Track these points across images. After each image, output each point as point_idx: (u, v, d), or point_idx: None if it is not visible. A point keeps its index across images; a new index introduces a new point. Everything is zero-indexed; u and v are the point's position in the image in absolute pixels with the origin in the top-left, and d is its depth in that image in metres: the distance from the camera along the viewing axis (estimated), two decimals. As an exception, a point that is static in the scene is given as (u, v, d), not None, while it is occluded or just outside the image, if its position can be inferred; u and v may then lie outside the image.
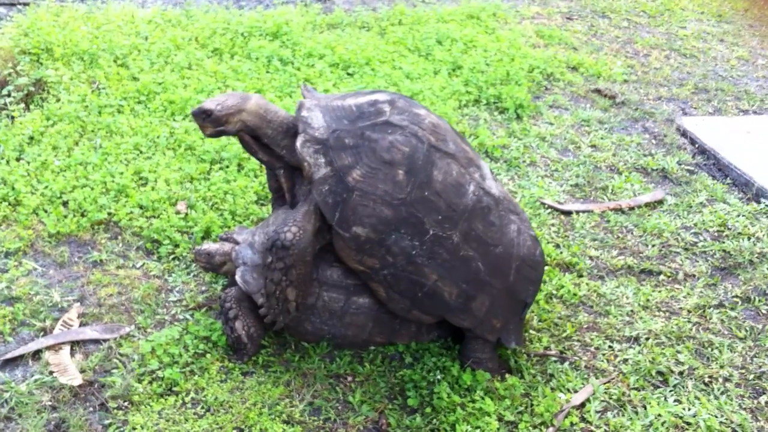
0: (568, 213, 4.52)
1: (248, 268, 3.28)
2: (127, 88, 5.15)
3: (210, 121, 3.14)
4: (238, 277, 3.26)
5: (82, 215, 4.04)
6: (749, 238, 4.37)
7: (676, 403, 3.25)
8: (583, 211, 4.54)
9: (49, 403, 3.01)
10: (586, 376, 3.38)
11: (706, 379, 3.39)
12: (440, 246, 3.07)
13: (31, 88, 5.02)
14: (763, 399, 3.32)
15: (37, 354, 3.23)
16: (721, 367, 3.47)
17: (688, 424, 3.16)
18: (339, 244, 3.09)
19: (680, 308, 3.82)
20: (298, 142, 3.07)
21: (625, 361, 3.47)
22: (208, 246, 3.54)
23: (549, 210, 4.52)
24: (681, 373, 3.42)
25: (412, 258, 3.06)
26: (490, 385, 3.24)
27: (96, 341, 3.33)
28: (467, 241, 3.12)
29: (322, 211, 3.04)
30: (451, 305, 3.18)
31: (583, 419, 3.16)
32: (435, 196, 3.04)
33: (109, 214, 4.07)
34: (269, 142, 3.22)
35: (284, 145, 3.22)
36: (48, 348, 3.24)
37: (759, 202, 4.72)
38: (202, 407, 3.05)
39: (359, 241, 3.02)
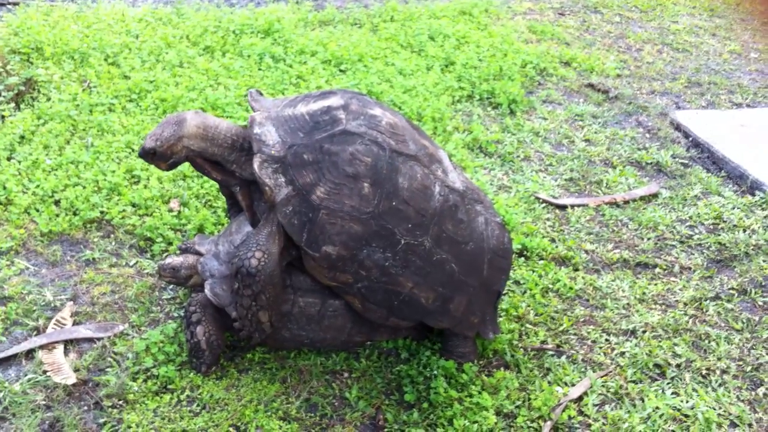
0: (563, 207, 4.51)
1: (217, 281, 3.18)
2: (118, 86, 5.12)
3: (158, 159, 3.00)
4: (207, 291, 3.15)
5: (75, 214, 4.01)
6: (744, 231, 4.37)
7: (674, 396, 3.24)
8: (578, 205, 4.53)
9: (44, 402, 2.99)
10: (583, 369, 3.37)
11: (704, 372, 3.39)
12: (413, 254, 3.01)
13: (22, 88, 4.97)
14: (761, 390, 3.31)
15: (30, 353, 3.20)
16: (719, 359, 3.46)
17: (686, 416, 3.15)
18: (309, 263, 2.99)
19: (676, 301, 3.81)
20: (256, 164, 2.92)
21: (622, 354, 3.47)
22: (172, 260, 3.36)
23: (544, 204, 4.51)
24: (678, 366, 3.41)
25: (386, 269, 2.99)
26: (482, 378, 3.23)
27: (90, 340, 3.30)
28: (439, 244, 3.07)
29: (288, 233, 2.93)
30: (429, 309, 3.13)
31: (580, 413, 3.15)
32: (403, 204, 2.97)
33: (102, 212, 4.04)
34: (219, 160, 3.09)
35: (233, 160, 3.08)
36: (41, 347, 3.21)
37: (753, 195, 4.72)
38: (198, 405, 3.03)
39: (331, 260, 2.93)
